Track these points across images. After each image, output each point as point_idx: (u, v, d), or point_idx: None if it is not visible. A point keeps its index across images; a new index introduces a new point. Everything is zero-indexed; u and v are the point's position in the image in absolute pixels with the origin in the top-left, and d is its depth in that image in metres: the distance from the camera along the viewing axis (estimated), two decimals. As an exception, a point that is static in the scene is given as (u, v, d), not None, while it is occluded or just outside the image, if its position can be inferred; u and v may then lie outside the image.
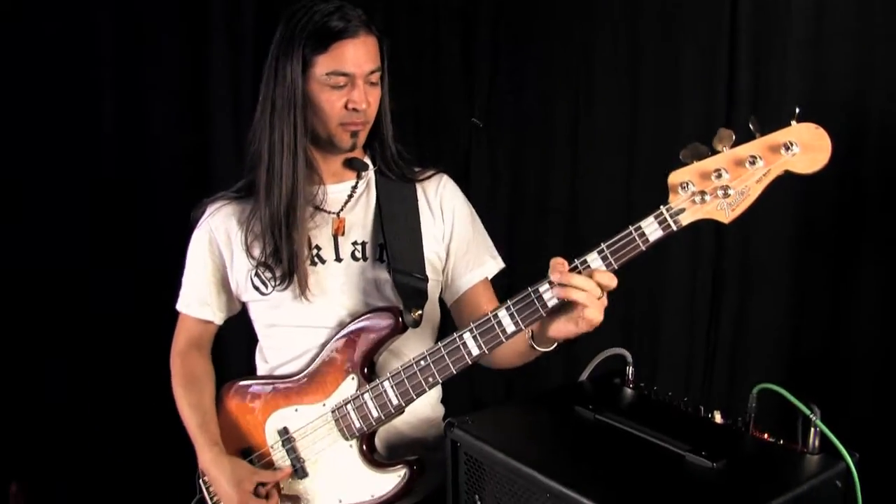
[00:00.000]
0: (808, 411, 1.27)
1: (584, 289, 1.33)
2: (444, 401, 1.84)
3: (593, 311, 1.35)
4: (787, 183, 2.20)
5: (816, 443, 1.27)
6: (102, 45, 2.94)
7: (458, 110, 2.90)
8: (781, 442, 1.31)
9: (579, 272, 1.36)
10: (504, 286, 1.78)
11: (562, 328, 1.41)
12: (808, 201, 2.27)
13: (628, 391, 1.55)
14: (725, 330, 2.43)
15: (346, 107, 1.61)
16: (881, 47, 2.14)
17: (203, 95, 2.95)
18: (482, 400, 2.76)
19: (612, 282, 1.35)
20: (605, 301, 1.37)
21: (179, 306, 1.84)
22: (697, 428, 1.38)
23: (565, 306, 1.39)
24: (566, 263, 1.38)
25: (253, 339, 1.85)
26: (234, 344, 2.29)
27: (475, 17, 2.84)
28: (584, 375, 1.61)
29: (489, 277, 1.79)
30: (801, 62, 2.24)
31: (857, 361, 2.22)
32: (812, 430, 1.26)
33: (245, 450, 1.73)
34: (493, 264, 1.79)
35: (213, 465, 1.67)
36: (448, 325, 1.81)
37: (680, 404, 1.47)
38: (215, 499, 1.74)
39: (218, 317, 1.83)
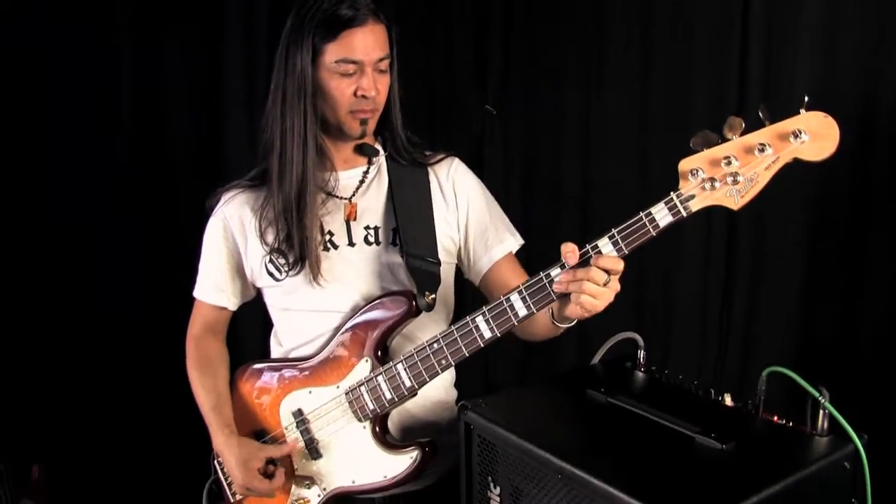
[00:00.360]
0: (816, 394, 1.28)
1: (584, 279, 1.37)
2: (457, 384, 1.86)
3: (588, 299, 1.38)
4: (799, 170, 2.20)
5: (825, 425, 1.28)
6: (120, 38, 2.97)
7: (472, 98, 2.91)
8: (791, 424, 1.33)
9: (590, 257, 1.39)
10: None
11: (573, 309, 1.44)
12: (819, 188, 2.27)
13: (640, 375, 1.57)
14: (738, 315, 2.44)
15: (355, 94, 1.62)
16: (891, 36, 2.13)
17: (218, 88, 2.98)
18: (496, 384, 2.78)
19: (617, 265, 1.38)
20: (615, 285, 1.39)
21: (196, 293, 1.87)
22: (708, 411, 1.40)
23: None
24: (577, 250, 1.40)
25: (267, 325, 1.87)
26: (249, 329, 2.32)
27: (488, 4, 2.84)
28: (596, 359, 1.63)
29: (513, 252, 1.80)
30: (813, 50, 2.24)
31: (867, 345, 2.23)
32: (821, 412, 1.27)
33: (259, 431, 1.76)
34: (513, 240, 1.80)
35: (225, 446, 1.71)
36: (462, 309, 1.83)
37: (691, 388, 1.48)
38: (229, 479, 1.77)
39: (232, 303, 1.86)
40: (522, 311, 1.47)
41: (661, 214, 1.36)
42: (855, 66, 2.19)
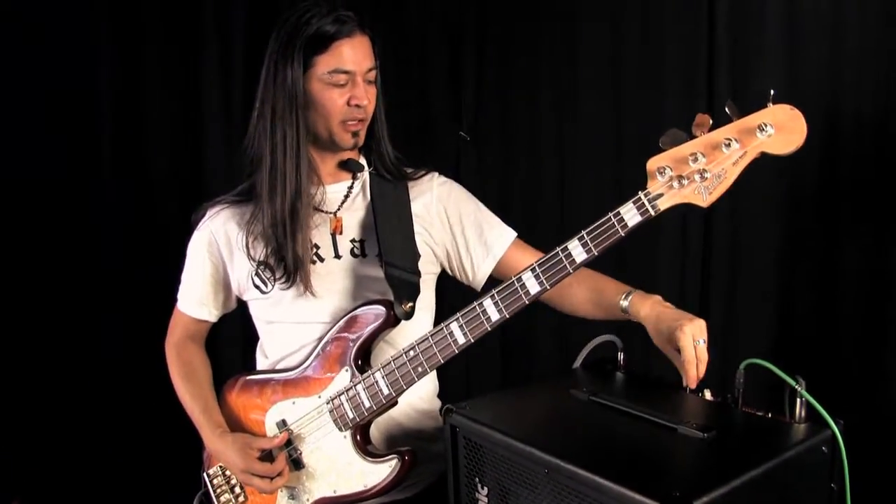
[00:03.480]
0: (793, 382, 1.30)
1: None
2: (441, 396, 1.87)
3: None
4: (772, 170, 2.24)
5: (803, 413, 1.30)
6: (101, 55, 2.98)
7: (446, 125, 2.95)
8: (770, 415, 1.35)
9: (560, 259, 1.43)
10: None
11: (663, 346, 1.50)
12: (792, 188, 2.32)
13: (620, 375, 1.59)
14: (715, 316, 2.47)
15: (348, 104, 1.66)
16: (853, 38, 2.20)
17: (196, 105, 3.00)
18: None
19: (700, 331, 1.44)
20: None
21: (179, 305, 1.88)
22: (688, 404, 1.42)
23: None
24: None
25: (247, 336, 1.88)
26: (228, 340, 2.33)
27: (461, 33, 2.90)
28: (578, 363, 1.64)
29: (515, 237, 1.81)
30: (778, 57, 2.30)
31: (841, 336, 2.27)
32: (798, 400, 1.30)
33: (248, 443, 1.75)
34: (509, 231, 1.82)
35: (219, 441, 1.71)
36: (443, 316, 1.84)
37: (671, 385, 1.51)
38: (218, 492, 1.78)
39: (213, 315, 1.87)
40: (495, 316, 1.48)
41: (630, 214, 1.38)
42: (819, 65, 2.25)
